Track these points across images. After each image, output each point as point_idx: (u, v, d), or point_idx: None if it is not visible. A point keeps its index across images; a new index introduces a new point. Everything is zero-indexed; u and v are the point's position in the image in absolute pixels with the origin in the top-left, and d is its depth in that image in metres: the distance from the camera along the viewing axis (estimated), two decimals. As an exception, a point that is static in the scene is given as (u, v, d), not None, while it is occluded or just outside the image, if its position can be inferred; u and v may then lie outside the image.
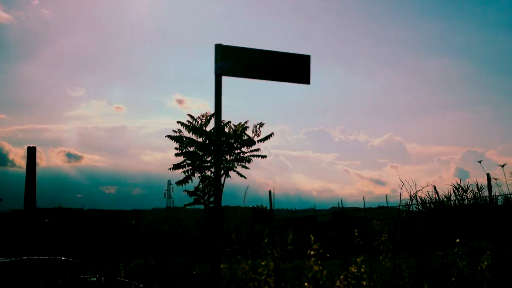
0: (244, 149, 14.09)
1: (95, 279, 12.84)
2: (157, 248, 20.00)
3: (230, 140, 13.91)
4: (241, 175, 14.14)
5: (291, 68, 5.85)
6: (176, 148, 13.93)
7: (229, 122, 13.99)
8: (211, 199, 13.87)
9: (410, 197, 20.74)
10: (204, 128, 13.80)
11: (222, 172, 13.87)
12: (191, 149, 13.86)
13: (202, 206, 14.43)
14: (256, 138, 14.10)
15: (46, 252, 18.81)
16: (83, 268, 13.45)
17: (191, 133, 13.78)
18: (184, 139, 13.80)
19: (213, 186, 13.73)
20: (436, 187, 27.30)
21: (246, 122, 14.11)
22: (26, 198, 59.32)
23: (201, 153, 13.68)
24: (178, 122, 13.91)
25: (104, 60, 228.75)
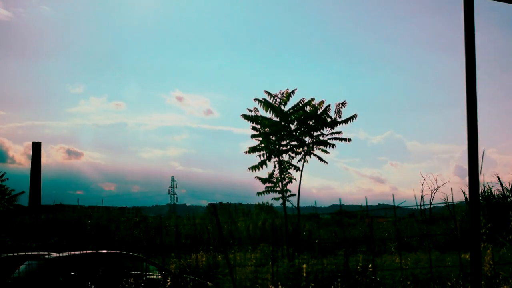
0: (324, 131, 12.53)
1: (159, 276, 11.38)
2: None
3: (310, 121, 12.31)
4: (321, 160, 12.61)
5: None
6: (253, 129, 12.36)
7: (312, 99, 12.37)
8: (286, 188, 12.34)
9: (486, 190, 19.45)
10: (282, 106, 12.23)
11: (300, 157, 12.39)
12: (266, 130, 12.30)
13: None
14: (338, 119, 12.52)
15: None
16: (140, 261, 11.99)
17: (268, 111, 12.21)
18: (260, 119, 12.23)
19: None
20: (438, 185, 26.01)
21: (322, 102, 12.55)
22: (31, 193, 57.75)
23: (279, 135, 12.11)
24: (255, 99, 12.34)
25: (103, 56, 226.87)
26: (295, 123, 12.35)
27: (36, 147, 60.91)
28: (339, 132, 12.60)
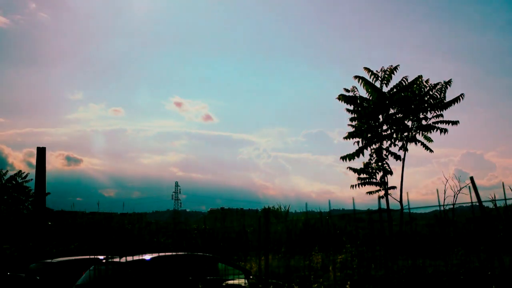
0: (428, 114, 10.95)
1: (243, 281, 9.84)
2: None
3: (413, 103, 10.73)
4: (427, 148, 11.03)
5: None
6: (348, 111, 10.76)
7: (420, 77, 10.73)
8: (385, 179, 10.72)
9: None
10: (384, 85, 10.65)
11: (401, 144, 10.83)
12: (364, 112, 10.68)
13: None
14: (443, 100, 10.95)
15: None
16: (214, 262, 10.47)
17: (369, 92, 10.62)
18: (359, 99, 10.65)
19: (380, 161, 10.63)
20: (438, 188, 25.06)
21: (428, 80, 10.88)
22: (36, 199, 56.09)
23: (380, 119, 10.52)
24: (355, 77, 10.70)
25: (102, 63, 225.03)
26: (395, 104, 10.77)
27: (41, 152, 59.36)
28: (440, 115, 11.04)
